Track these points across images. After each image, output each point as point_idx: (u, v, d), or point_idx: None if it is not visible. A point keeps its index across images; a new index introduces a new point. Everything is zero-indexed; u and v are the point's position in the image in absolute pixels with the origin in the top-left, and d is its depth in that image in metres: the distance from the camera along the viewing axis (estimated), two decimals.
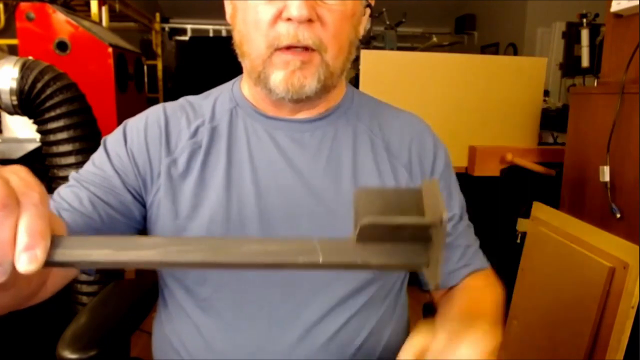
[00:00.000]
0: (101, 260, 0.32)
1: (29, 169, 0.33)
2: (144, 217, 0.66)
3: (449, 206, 0.71)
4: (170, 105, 0.69)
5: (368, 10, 0.67)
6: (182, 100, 0.71)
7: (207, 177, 0.63)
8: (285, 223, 0.62)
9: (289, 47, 0.57)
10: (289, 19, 0.56)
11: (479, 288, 0.68)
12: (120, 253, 0.32)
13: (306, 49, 0.58)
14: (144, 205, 0.65)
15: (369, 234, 0.33)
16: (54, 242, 0.31)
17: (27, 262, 0.29)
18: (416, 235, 0.33)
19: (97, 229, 0.60)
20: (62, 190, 0.62)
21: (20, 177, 0.32)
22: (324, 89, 0.61)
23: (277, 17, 0.57)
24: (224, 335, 0.64)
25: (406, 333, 0.76)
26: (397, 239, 0.33)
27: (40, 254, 0.30)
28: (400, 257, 0.33)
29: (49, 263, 0.31)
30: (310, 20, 0.56)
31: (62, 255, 0.31)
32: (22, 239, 0.29)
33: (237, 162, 0.64)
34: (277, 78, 0.59)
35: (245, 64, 0.63)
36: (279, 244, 0.33)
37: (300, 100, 0.61)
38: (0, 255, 0.29)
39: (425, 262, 0.34)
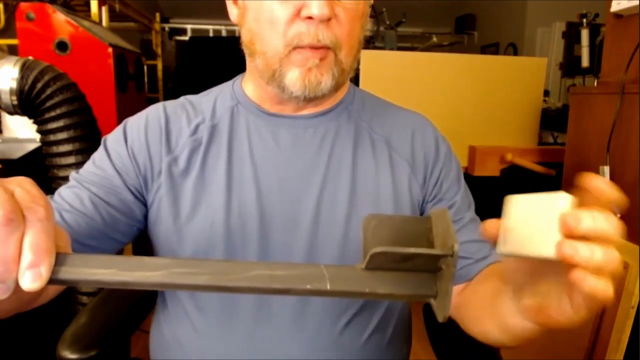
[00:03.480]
0: (105, 279, 0.32)
1: (33, 181, 0.32)
2: (146, 217, 0.66)
3: (455, 195, 0.69)
4: (170, 103, 0.69)
5: (370, 10, 0.67)
6: (182, 99, 0.70)
7: (208, 175, 0.63)
8: (286, 221, 0.62)
9: (307, 47, 0.57)
10: (309, 17, 0.55)
11: None
12: (125, 273, 0.31)
13: (323, 47, 0.57)
14: (145, 204, 0.65)
15: (379, 263, 0.32)
16: (59, 259, 0.31)
17: (31, 280, 0.29)
18: (425, 265, 0.33)
19: (98, 229, 0.59)
20: (63, 190, 0.62)
21: (25, 189, 0.31)
22: (336, 87, 0.61)
23: (295, 15, 0.56)
24: (218, 335, 0.64)
25: (409, 330, 0.76)
26: (406, 269, 0.33)
27: (44, 272, 0.30)
28: (408, 287, 0.33)
29: (52, 281, 0.31)
30: (329, 19, 0.56)
31: (66, 273, 0.31)
32: (27, 256, 0.29)
33: (237, 159, 0.64)
34: (294, 76, 0.58)
35: (256, 63, 0.62)
36: (286, 270, 0.32)
37: (313, 99, 0.61)
38: (4, 272, 0.28)
39: (434, 293, 0.33)
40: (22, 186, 0.31)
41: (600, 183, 0.32)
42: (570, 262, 0.31)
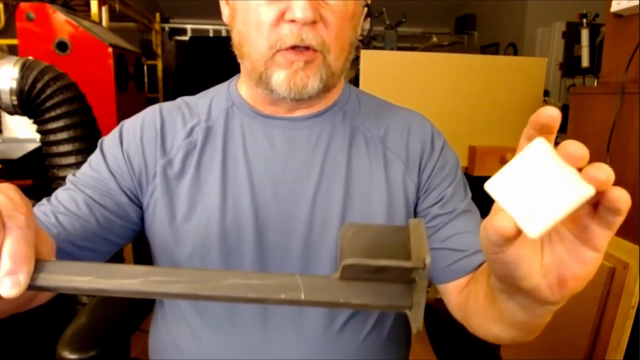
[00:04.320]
0: (83, 287, 0.32)
1: (17, 187, 0.33)
2: (141, 219, 0.66)
3: (446, 189, 0.67)
4: (166, 105, 0.69)
5: (365, 10, 0.66)
6: (179, 100, 0.70)
7: (203, 177, 0.63)
8: (281, 221, 0.62)
9: (292, 47, 0.57)
10: (292, 21, 0.55)
11: None
12: (102, 281, 0.32)
13: (309, 48, 0.57)
14: (140, 206, 0.65)
15: (352, 274, 0.33)
16: (38, 266, 0.32)
17: (9, 286, 0.30)
18: (399, 276, 0.33)
19: (93, 232, 0.60)
20: (60, 193, 0.62)
21: (8, 196, 0.32)
22: (325, 89, 0.61)
23: (280, 18, 0.56)
24: (216, 337, 0.64)
25: (408, 329, 0.76)
26: (381, 279, 0.33)
27: (23, 279, 0.30)
28: (383, 298, 0.33)
29: (31, 287, 0.31)
30: (314, 22, 0.55)
31: (44, 280, 0.32)
32: (6, 263, 0.30)
33: (232, 161, 0.64)
34: (280, 78, 0.58)
35: (245, 65, 0.62)
36: (262, 279, 0.33)
37: (301, 100, 0.61)
38: None
39: (410, 304, 0.33)
40: (5, 193, 0.32)
41: (545, 116, 0.30)
42: (606, 183, 0.28)
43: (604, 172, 0.28)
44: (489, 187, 0.29)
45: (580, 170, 0.28)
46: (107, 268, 0.33)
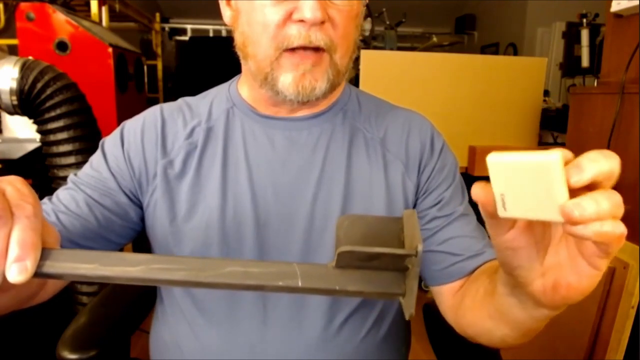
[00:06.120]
0: (87, 274, 0.33)
1: (24, 180, 0.34)
2: (142, 219, 0.66)
3: (445, 191, 0.67)
4: (167, 106, 0.69)
5: (364, 10, 0.66)
6: (180, 100, 0.71)
7: (203, 177, 0.63)
8: (281, 222, 0.62)
9: (298, 48, 0.56)
10: (300, 20, 0.55)
11: None
12: (106, 268, 0.33)
13: (316, 49, 0.57)
14: (140, 206, 0.65)
15: (347, 261, 0.34)
16: (44, 254, 0.33)
17: (17, 272, 0.31)
18: (393, 264, 0.34)
19: (93, 231, 0.60)
20: (61, 192, 0.63)
21: (15, 187, 0.33)
22: (332, 89, 0.61)
23: (287, 18, 0.55)
24: (217, 336, 0.64)
25: (407, 329, 0.76)
26: (375, 267, 0.34)
27: (30, 266, 0.31)
28: (378, 285, 0.34)
29: (38, 274, 0.32)
30: (322, 22, 0.55)
31: (51, 267, 0.33)
32: (14, 250, 0.31)
33: (233, 162, 0.64)
34: (287, 80, 0.58)
35: (249, 66, 0.62)
36: (261, 267, 0.34)
37: (307, 102, 0.61)
38: None
39: (403, 291, 0.34)
40: (13, 185, 0.33)
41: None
42: (578, 222, 0.29)
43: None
44: (490, 159, 0.31)
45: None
46: (111, 256, 0.34)
